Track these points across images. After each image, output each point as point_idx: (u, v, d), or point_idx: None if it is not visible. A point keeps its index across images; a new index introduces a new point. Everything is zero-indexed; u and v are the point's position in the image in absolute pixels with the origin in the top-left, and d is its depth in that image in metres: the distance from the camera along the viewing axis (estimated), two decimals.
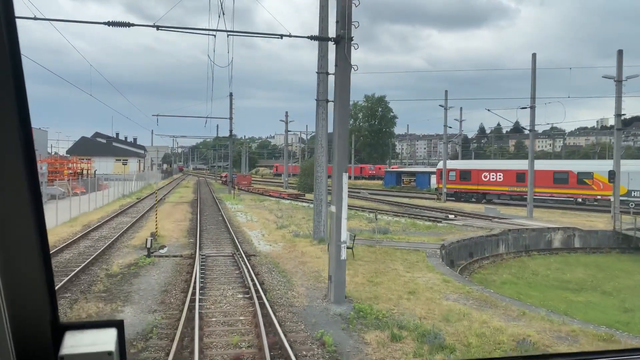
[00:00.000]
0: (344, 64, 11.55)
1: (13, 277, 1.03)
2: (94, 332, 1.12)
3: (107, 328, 1.13)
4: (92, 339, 1.10)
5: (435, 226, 26.35)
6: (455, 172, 46.21)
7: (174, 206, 35.63)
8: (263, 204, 38.35)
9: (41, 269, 1.06)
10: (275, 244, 19.94)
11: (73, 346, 1.08)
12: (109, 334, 1.12)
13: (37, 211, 1.02)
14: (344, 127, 11.72)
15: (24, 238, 1.02)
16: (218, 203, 38.36)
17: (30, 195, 0.99)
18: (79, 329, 1.13)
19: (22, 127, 0.94)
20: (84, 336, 1.11)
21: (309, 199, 43.53)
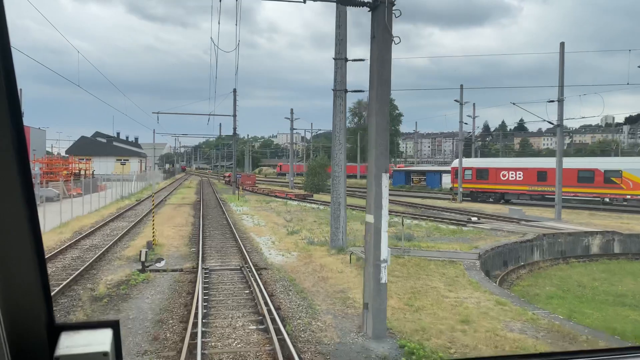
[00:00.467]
0: (384, 34, 9.13)
1: (8, 278, 1.02)
2: (90, 332, 1.11)
3: (103, 328, 1.12)
4: (87, 340, 1.08)
5: (460, 230, 23.88)
6: (471, 170, 43.73)
7: (175, 208, 33.22)
8: (269, 206, 35.94)
9: (36, 269, 1.05)
10: (288, 253, 17.50)
11: (68, 347, 1.07)
12: (104, 335, 1.10)
13: (31, 212, 1.01)
14: (383, 114, 9.30)
15: (19, 239, 1.01)
16: (222, 205, 35.96)
17: (24, 196, 0.98)
18: (75, 329, 1.12)
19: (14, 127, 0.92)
20: (80, 337, 1.10)
21: (317, 200, 41.12)
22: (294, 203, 38.80)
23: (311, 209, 34.20)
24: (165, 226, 23.68)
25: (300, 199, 42.14)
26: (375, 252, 9.02)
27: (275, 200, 41.02)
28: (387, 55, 9.19)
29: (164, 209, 32.77)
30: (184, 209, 33.09)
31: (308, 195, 43.87)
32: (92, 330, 1.13)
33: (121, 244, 19.37)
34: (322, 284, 12.98)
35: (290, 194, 44.46)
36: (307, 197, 43.10)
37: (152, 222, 19.99)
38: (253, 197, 44.45)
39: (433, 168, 66.79)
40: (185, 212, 30.67)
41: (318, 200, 41.63)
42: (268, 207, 35.30)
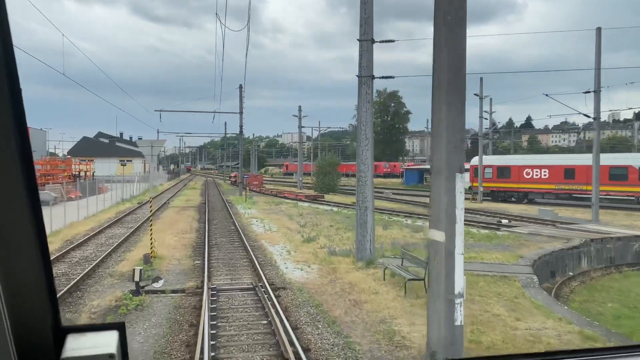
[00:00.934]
0: (459, 4, 6.62)
1: (13, 280, 1.01)
2: (96, 334, 1.11)
3: (109, 331, 1.11)
4: (93, 342, 1.08)
5: (495, 235, 21.32)
6: (491, 168, 41.12)
7: (178, 212, 30.81)
8: (279, 208, 33.48)
9: (41, 272, 1.05)
10: (307, 266, 15.02)
11: (74, 349, 1.06)
12: (110, 337, 1.10)
13: (36, 214, 1.00)
14: (458, 103, 6.77)
15: (24, 242, 1.00)
16: (228, 207, 33.53)
17: (29, 198, 0.97)
18: (81, 331, 1.12)
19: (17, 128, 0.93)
20: (86, 339, 1.09)
21: (329, 201, 38.65)
22: (305, 205, 36.32)
23: (324, 211, 31.71)
24: (166, 233, 21.26)
25: (311, 200, 39.66)
26: (447, 282, 6.52)
27: (285, 202, 38.55)
28: (461, 33, 6.67)
29: (167, 213, 30.37)
30: (188, 212, 30.67)
31: (319, 196, 41.39)
32: (98, 332, 1.12)
33: (115, 256, 16.94)
34: (356, 311, 10.48)
35: (300, 195, 41.99)
36: (318, 198, 40.62)
37: (150, 233, 17.49)
38: (261, 199, 41.99)
39: None
40: (190, 216, 28.25)
41: (330, 201, 39.13)
42: (278, 209, 32.83)
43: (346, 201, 39.53)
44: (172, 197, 44.03)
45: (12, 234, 0.99)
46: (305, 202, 38.38)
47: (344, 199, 42.68)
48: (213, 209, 32.79)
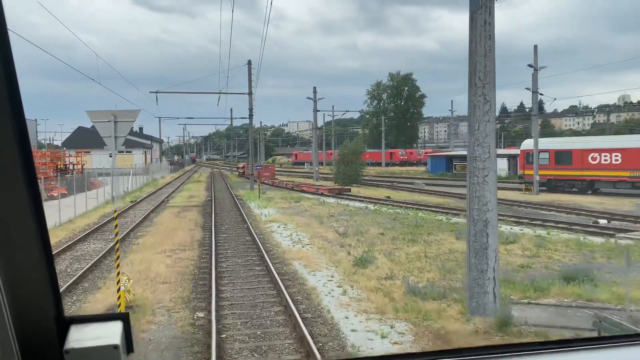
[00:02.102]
0: None
1: (15, 272, 1.01)
2: (100, 325, 1.10)
3: (113, 321, 1.10)
4: (97, 333, 1.07)
5: (617, 246, 14.86)
6: (547, 153, 34.54)
7: (178, 214, 24.47)
8: (302, 206, 27.13)
9: (43, 263, 1.04)
10: (386, 324, 8.65)
11: (78, 340, 1.05)
12: (114, 328, 1.08)
13: (36, 206, 1.00)
14: None
15: (25, 234, 1.00)
16: (239, 205, 27.22)
17: (28, 190, 0.97)
18: (84, 322, 1.11)
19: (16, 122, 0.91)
20: (89, 330, 1.08)
21: (358, 195, 32.24)
22: (331, 201, 29.93)
23: (359, 210, 25.32)
24: (157, 252, 14.93)
25: (336, 195, 33.26)
26: None
27: (306, 197, 32.17)
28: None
29: (163, 216, 24.05)
30: (189, 215, 24.34)
31: (344, 190, 34.94)
32: (102, 323, 1.10)
33: (74, 297, 10.64)
34: None
35: (321, 189, 35.57)
36: (343, 192, 34.21)
37: (118, 274, 11.05)
38: (276, 193, 35.63)
39: None
40: (191, 221, 21.92)
41: (358, 195, 32.74)
42: (300, 207, 26.47)
43: (377, 195, 33.10)
44: (173, 193, 37.72)
45: (13, 227, 0.98)
46: (330, 198, 31.99)
47: (374, 192, 36.24)
48: (221, 209, 26.46)
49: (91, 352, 1.05)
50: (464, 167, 53.20)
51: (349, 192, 34.22)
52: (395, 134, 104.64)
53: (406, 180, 48.89)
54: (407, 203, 27.87)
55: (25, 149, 0.95)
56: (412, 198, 31.29)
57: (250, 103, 36.90)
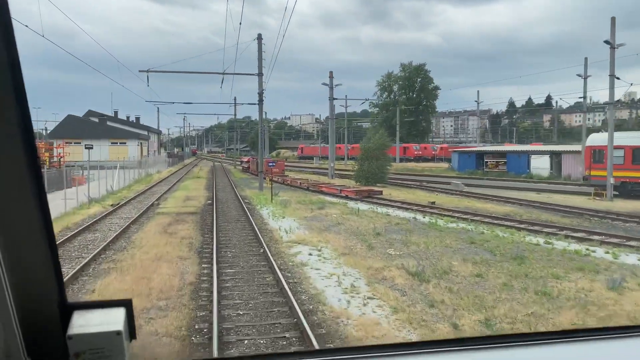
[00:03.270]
0: None
1: (19, 258, 1.01)
2: (103, 311, 1.08)
3: (116, 307, 1.09)
4: (100, 319, 1.06)
5: None
6: (622, 150, 28.07)
7: (168, 227, 17.95)
8: (329, 215, 20.67)
9: (46, 249, 1.04)
10: None
11: (81, 326, 1.05)
12: (117, 314, 1.07)
13: (39, 193, 1.00)
14: None
15: (28, 219, 1.00)
16: (248, 213, 20.79)
17: (31, 176, 0.97)
18: (87, 308, 1.10)
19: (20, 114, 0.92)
20: (93, 316, 1.07)
21: (394, 200, 25.79)
22: (363, 207, 23.43)
23: (407, 222, 18.83)
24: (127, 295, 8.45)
25: (365, 198, 26.79)
26: None
27: (329, 202, 25.69)
28: None
29: (147, 231, 17.56)
30: (183, 229, 17.85)
31: (374, 191, 28.42)
32: (105, 309, 1.09)
33: None
34: None
35: (345, 190, 29.00)
36: (373, 194, 27.73)
37: None
38: (290, 195, 29.18)
39: (517, 148, 50.52)
40: (184, 241, 15.44)
41: (393, 199, 26.29)
42: (328, 218, 20.02)
43: (415, 199, 26.67)
44: (166, 193, 31.22)
45: (16, 214, 0.99)
46: (359, 202, 25.51)
47: (407, 194, 29.77)
48: (225, 219, 19.99)
49: (94, 338, 1.03)
50: (496, 164, 46.72)
51: (379, 195, 27.75)
52: (407, 127, 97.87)
53: (434, 179, 42.42)
54: (462, 212, 21.44)
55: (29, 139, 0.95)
56: (463, 204, 24.83)
57: (260, 86, 30.36)
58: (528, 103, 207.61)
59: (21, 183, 0.97)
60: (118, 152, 62.96)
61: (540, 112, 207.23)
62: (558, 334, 1.35)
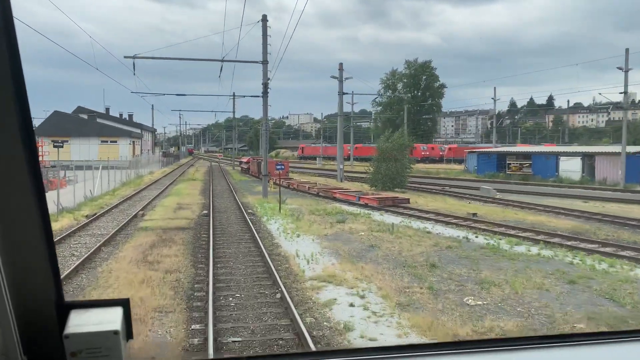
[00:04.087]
0: None
1: (16, 257, 1.01)
2: (100, 311, 1.08)
3: (113, 307, 1.09)
4: (97, 318, 1.05)
5: None
6: None
7: (148, 253, 13.50)
8: (355, 232, 16.35)
9: (44, 248, 1.03)
10: None
11: (78, 325, 1.04)
12: (115, 313, 1.07)
13: (39, 194, 1.00)
14: None
15: (26, 218, 1.00)
16: (254, 229, 16.47)
17: (32, 178, 0.97)
18: (85, 307, 1.09)
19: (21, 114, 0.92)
20: (90, 315, 1.07)
21: (427, 211, 21.54)
22: (393, 219, 19.12)
23: (459, 244, 14.51)
24: None
25: (389, 207, 22.48)
26: None
27: (349, 212, 21.34)
28: None
29: (122, 257, 13.15)
30: (169, 254, 13.45)
31: (399, 200, 24.06)
32: (102, 308, 1.09)
33: None
34: None
35: (365, 198, 24.61)
36: (398, 202, 23.42)
37: None
38: (300, 202, 24.86)
39: (542, 149, 46.13)
40: (170, 275, 11.07)
41: (424, 209, 21.99)
42: (355, 236, 15.69)
43: (449, 208, 22.40)
44: (156, 199, 26.83)
45: (15, 213, 0.98)
46: (383, 212, 21.19)
47: (436, 201, 25.43)
48: (224, 239, 15.61)
49: (91, 337, 1.02)
50: (520, 167, 42.47)
51: (406, 204, 23.43)
52: (412, 127, 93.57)
53: (455, 184, 38.16)
54: (517, 228, 17.18)
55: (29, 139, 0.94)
56: (509, 216, 20.55)
57: (265, 75, 25.98)
58: (530, 103, 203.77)
59: (21, 182, 0.96)
60: (108, 151, 58.48)
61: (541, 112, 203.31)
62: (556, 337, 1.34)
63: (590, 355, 1.28)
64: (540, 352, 1.28)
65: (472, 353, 1.24)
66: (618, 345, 1.31)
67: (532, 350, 1.29)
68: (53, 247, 1.06)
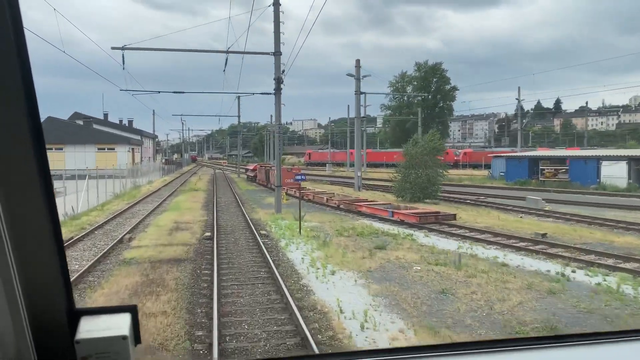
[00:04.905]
0: None
1: (28, 265, 1.03)
2: (109, 317, 1.10)
3: (122, 313, 1.11)
4: (107, 324, 1.08)
5: None
6: None
7: (128, 303, 9.46)
8: (405, 263, 12.18)
9: (55, 256, 1.05)
10: None
11: (89, 331, 1.07)
12: (123, 319, 1.09)
13: (50, 202, 1.01)
14: None
15: (38, 228, 1.01)
16: (271, 262, 12.31)
17: (42, 187, 0.98)
18: (94, 314, 1.11)
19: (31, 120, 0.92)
20: (99, 321, 1.09)
21: (474, 229, 17.32)
22: (449, 245, 14.92)
23: (564, 287, 10.30)
24: None
25: (431, 224, 18.31)
26: None
27: (385, 232, 17.16)
28: None
29: None
30: (155, 309, 9.30)
31: (441, 216, 19.78)
32: (111, 314, 1.11)
33: None
34: None
35: (399, 213, 20.35)
36: (441, 219, 19.20)
37: None
38: (319, 217, 20.75)
39: (580, 153, 41.70)
40: (156, 351, 6.96)
41: (478, 227, 17.78)
42: (411, 274, 11.52)
43: (506, 225, 18.24)
44: (150, 215, 22.72)
45: (27, 221, 0.99)
46: (428, 232, 17.00)
47: (485, 217, 21.14)
48: (233, 277, 11.42)
49: (101, 343, 1.05)
50: (555, 172, 38.20)
51: (451, 220, 19.22)
52: (422, 130, 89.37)
53: (485, 192, 33.96)
54: (606, 254, 13.00)
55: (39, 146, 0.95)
56: (585, 236, 16.35)
57: (278, 69, 21.86)
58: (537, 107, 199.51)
59: (32, 192, 0.97)
60: (106, 159, 54.59)
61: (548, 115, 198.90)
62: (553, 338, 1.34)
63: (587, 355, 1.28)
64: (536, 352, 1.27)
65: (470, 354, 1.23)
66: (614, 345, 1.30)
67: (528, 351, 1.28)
68: (64, 255, 1.07)
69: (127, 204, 27.18)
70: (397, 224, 19.34)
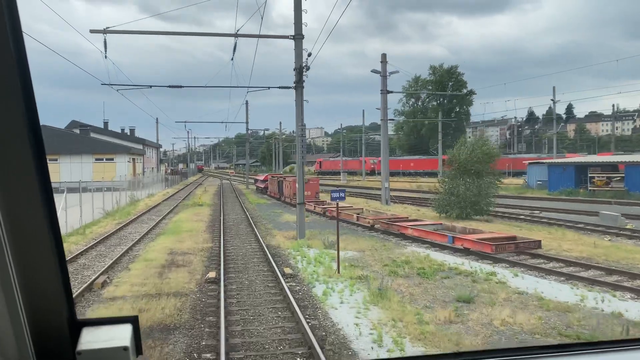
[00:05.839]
0: None
1: (30, 276, 1.02)
2: (110, 328, 1.10)
3: (123, 324, 1.10)
4: (108, 335, 1.07)
5: None
6: None
7: None
8: (516, 329, 7.51)
9: (56, 267, 1.04)
10: None
11: (90, 342, 1.06)
12: (124, 330, 1.09)
13: (50, 212, 0.99)
14: None
15: (39, 238, 1.00)
16: (307, 328, 7.67)
17: (43, 198, 0.96)
18: (96, 325, 1.11)
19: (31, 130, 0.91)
20: (101, 332, 1.08)
21: (571, 262, 12.41)
22: (558, 294, 10.23)
23: None
24: None
25: (510, 255, 13.57)
26: None
27: (451, 268, 12.48)
28: None
29: None
30: None
31: (524, 244, 14.87)
32: (112, 325, 1.10)
33: None
34: None
35: (462, 239, 15.53)
36: (523, 247, 14.38)
37: None
38: (355, 243, 16.05)
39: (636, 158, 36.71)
40: None
41: (569, 258, 13.02)
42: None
43: (595, 254, 13.44)
44: (139, 243, 18.09)
45: (28, 233, 0.99)
46: (516, 268, 12.27)
47: (563, 241, 16.28)
48: None
49: (102, 354, 1.04)
50: (607, 181, 33.27)
51: (536, 248, 14.41)
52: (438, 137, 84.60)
53: (532, 204, 29.17)
54: None
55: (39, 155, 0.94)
56: None
57: (301, 57, 17.27)
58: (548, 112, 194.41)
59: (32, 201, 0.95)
60: (104, 169, 50.23)
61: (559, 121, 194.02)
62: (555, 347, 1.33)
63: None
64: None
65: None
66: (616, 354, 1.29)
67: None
68: (66, 269, 1.06)
69: (118, 224, 22.59)
70: (461, 253, 14.61)
